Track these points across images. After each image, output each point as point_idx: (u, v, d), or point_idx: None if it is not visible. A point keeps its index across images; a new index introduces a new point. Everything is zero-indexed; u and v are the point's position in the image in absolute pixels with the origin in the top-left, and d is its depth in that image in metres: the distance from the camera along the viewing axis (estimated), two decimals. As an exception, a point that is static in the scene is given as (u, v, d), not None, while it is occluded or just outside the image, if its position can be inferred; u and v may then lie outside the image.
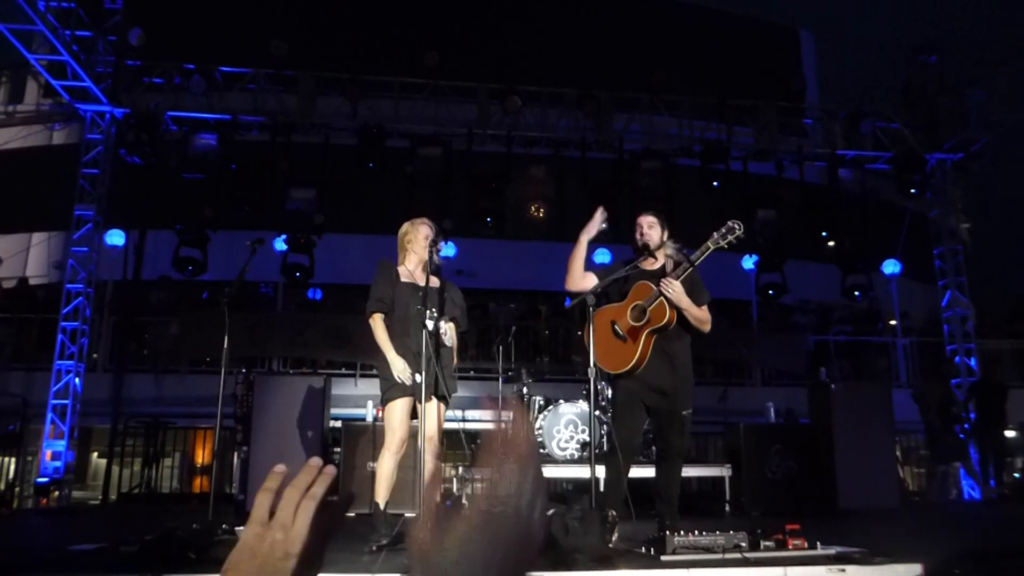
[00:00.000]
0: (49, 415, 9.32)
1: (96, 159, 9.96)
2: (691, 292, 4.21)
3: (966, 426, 9.78)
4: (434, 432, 4.35)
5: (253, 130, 10.10)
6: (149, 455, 9.78)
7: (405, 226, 4.62)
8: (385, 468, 4.37)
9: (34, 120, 13.88)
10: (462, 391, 10.50)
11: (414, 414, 4.43)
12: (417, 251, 4.50)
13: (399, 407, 4.36)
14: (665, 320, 4.13)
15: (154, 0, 12.95)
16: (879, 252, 12.22)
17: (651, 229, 4.38)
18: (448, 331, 4.54)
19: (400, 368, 4.29)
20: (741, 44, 16.44)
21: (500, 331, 9.20)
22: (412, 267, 4.54)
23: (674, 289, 4.08)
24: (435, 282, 4.50)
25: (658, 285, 4.17)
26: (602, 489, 4.26)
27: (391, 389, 4.38)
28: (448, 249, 9.66)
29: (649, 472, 4.83)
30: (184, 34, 12.51)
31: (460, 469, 7.70)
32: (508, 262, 13.13)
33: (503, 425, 0.82)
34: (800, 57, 17.52)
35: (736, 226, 4.09)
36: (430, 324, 4.26)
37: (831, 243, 10.83)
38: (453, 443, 10.16)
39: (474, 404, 10.45)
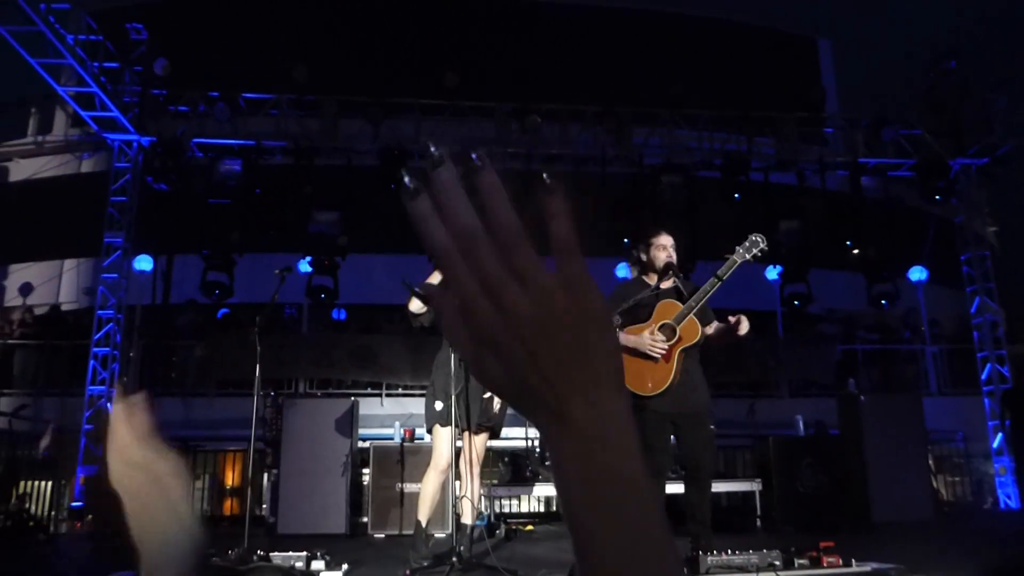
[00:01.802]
0: (82, 440, 9.47)
1: (124, 187, 10.17)
2: (702, 312, 4.22)
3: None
4: (473, 460, 4.46)
5: (277, 155, 10.25)
6: (180, 478, 9.87)
7: None
8: (429, 488, 4.48)
9: (63, 150, 14.24)
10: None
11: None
12: None
13: (446, 433, 4.45)
14: (697, 338, 4.14)
15: (178, 30, 13.25)
16: (905, 259, 12.11)
17: (674, 249, 4.41)
18: None
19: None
20: (760, 55, 16.43)
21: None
22: None
23: (746, 325, 4.09)
24: None
25: (679, 299, 4.21)
26: None
27: (431, 416, 4.50)
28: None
29: (678, 488, 4.83)
30: (208, 62, 12.76)
31: (488, 488, 7.72)
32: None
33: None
34: (819, 66, 17.46)
35: (759, 239, 4.10)
36: None
37: (856, 251, 10.74)
38: (482, 461, 10.22)
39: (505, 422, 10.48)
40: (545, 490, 8.16)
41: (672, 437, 4.42)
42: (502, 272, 0.46)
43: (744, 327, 4.04)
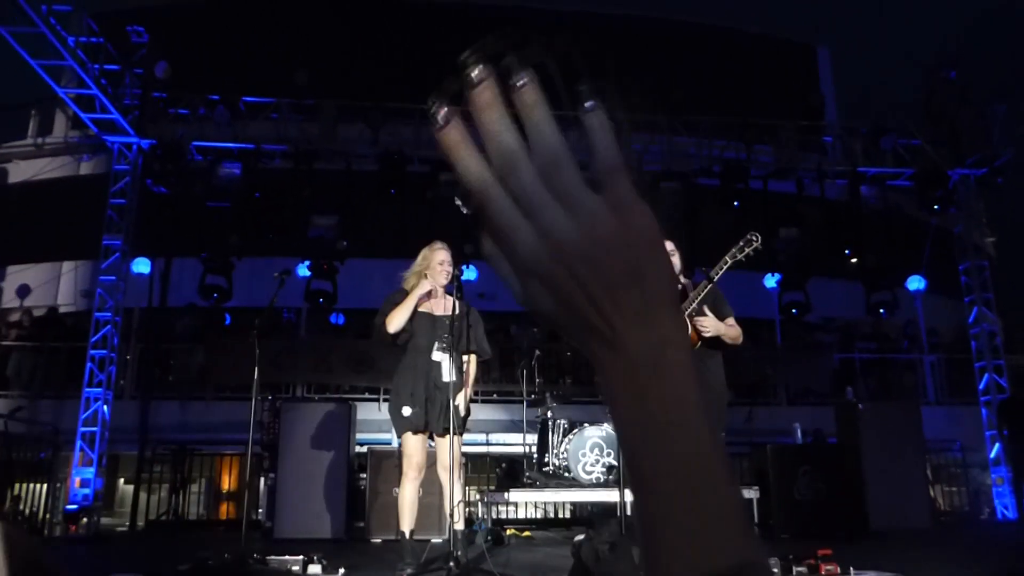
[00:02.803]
0: (78, 443, 9.44)
1: (124, 189, 10.15)
2: (716, 309, 4.22)
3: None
4: (448, 464, 4.38)
5: (276, 158, 10.25)
6: (176, 481, 9.86)
7: (423, 251, 4.63)
8: (406, 496, 4.42)
9: (63, 152, 14.23)
10: (487, 415, 10.59)
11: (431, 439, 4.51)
12: (432, 276, 4.50)
13: (413, 438, 4.41)
14: (694, 344, 4.15)
15: (179, 33, 13.25)
16: (904, 268, 12.13)
17: (675, 257, 4.41)
18: (467, 364, 4.54)
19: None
20: (759, 63, 16.48)
21: (523, 354, 9.22)
22: (432, 295, 4.54)
23: (708, 325, 4.09)
24: (449, 308, 4.53)
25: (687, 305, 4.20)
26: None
27: (399, 423, 4.42)
28: (470, 273, 9.72)
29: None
30: (208, 66, 12.78)
31: (485, 493, 7.71)
32: (529, 284, 13.17)
33: None
34: (818, 75, 17.52)
35: (753, 237, 4.10)
36: (436, 356, 4.30)
37: (854, 260, 10.76)
38: (478, 467, 10.20)
39: (498, 428, 10.46)
40: (542, 495, 8.14)
41: None
42: (545, 195, 0.43)
43: (701, 328, 4.07)
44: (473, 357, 4.59)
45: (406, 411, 4.34)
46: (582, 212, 0.43)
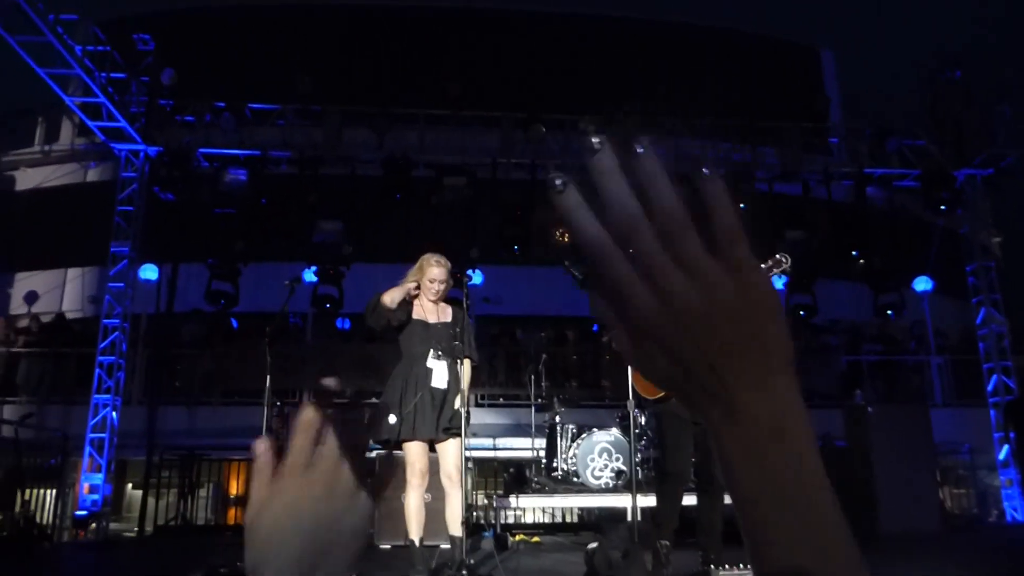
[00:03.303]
0: (87, 449, 9.46)
1: (131, 196, 10.19)
2: None
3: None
4: (451, 469, 4.38)
5: (282, 164, 10.27)
6: (184, 487, 9.85)
7: (422, 259, 4.60)
8: (411, 503, 4.40)
9: (69, 159, 14.28)
10: (494, 419, 10.57)
11: (432, 447, 4.48)
12: (422, 290, 4.49)
13: (413, 445, 4.39)
14: None
15: (185, 41, 13.29)
16: (910, 269, 12.07)
17: None
18: (461, 370, 4.53)
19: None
20: (764, 66, 16.43)
21: (529, 358, 9.21)
22: (426, 301, 4.53)
23: None
24: (448, 316, 4.52)
25: None
26: (655, 518, 4.22)
27: (388, 431, 4.39)
28: (475, 277, 9.71)
29: (689, 499, 4.79)
30: (214, 73, 12.80)
31: (493, 498, 7.69)
32: (534, 288, 13.15)
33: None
34: (822, 77, 17.49)
35: (783, 259, 4.00)
36: (431, 363, 4.30)
37: (861, 262, 10.72)
38: (485, 471, 10.17)
39: (505, 432, 10.44)
40: (550, 501, 8.11)
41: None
42: (665, 259, 0.44)
43: None
44: (468, 363, 4.58)
45: (391, 419, 4.32)
46: (702, 276, 0.43)
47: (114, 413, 9.63)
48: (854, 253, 10.74)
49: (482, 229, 10.46)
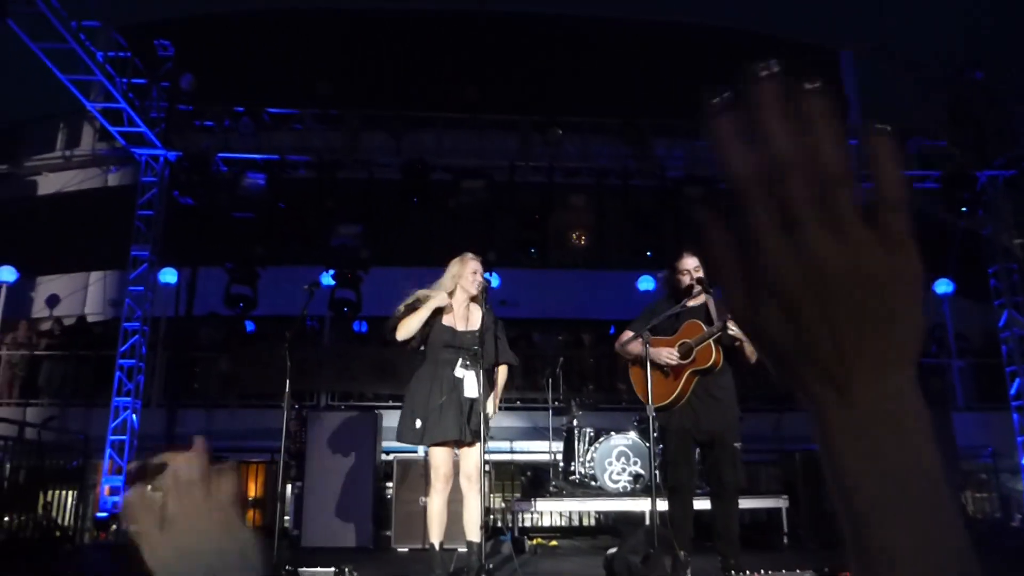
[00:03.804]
0: (107, 451, 9.53)
1: (151, 201, 10.27)
2: None
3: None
4: (472, 471, 4.37)
5: (300, 168, 10.32)
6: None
7: (453, 263, 4.63)
8: (434, 506, 4.41)
9: (90, 164, 14.42)
10: (511, 422, 10.56)
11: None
12: (465, 287, 4.51)
13: (437, 449, 4.39)
14: (710, 362, 4.12)
15: (204, 46, 13.39)
16: (931, 271, 11.94)
17: (699, 272, 4.38)
18: (496, 374, 4.53)
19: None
20: (782, 67, 16.29)
21: (546, 361, 9.20)
22: (457, 304, 4.52)
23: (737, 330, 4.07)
24: (476, 322, 4.51)
25: (706, 320, 4.18)
26: (669, 526, 4.23)
27: (407, 433, 4.39)
28: (492, 280, 9.72)
29: (704, 504, 4.78)
30: (233, 77, 12.89)
31: (511, 501, 7.68)
32: (551, 291, 13.15)
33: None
34: (841, 78, 17.36)
35: None
36: (459, 372, 4.29)
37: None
38: (502, 475, 10.17)
39: (523, 435, 10.43)
40: (567, 504, 8.09)
41: (698, 454, 4.41)
42: (815, 213, 0.39)
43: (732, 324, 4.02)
44: (504, 367, 4.58)
45: (418, 423, 4.32)
46: (852, 240, 0.39)
47: (134, 415, 9.71)
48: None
49: (499, 232, 10.48)
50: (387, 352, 10.17)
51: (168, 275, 11.03)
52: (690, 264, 4.42)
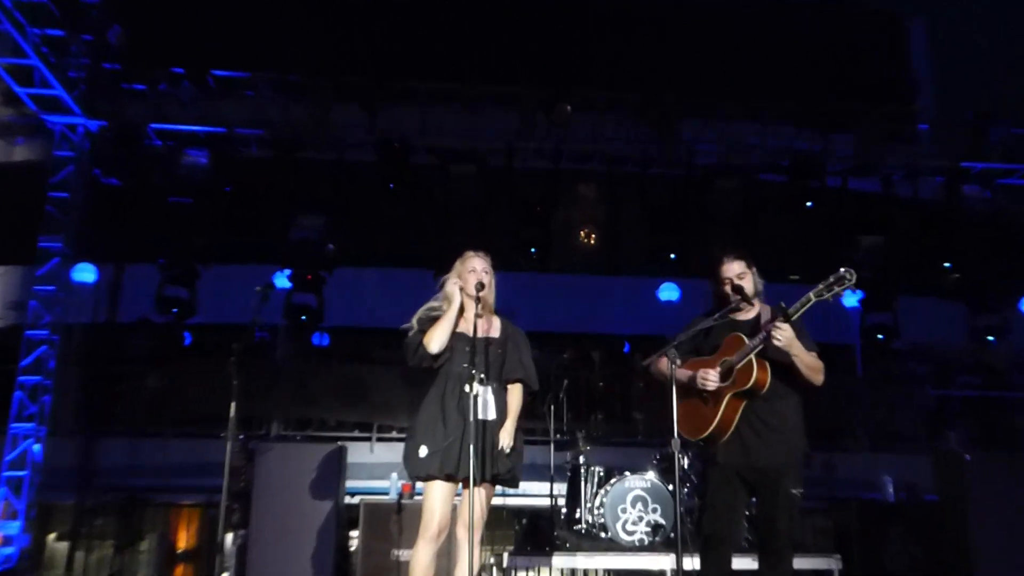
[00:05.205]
0: (2, 490, 9.43)
1: (66, 180, 10.22)
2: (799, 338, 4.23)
3: None
4: (476, 520, 4.36)
5: (252, 145, 10.32)
6: (122, 538, 9.88)
7: (457, 261, 4.72)
8: (421, 559, 4.39)
9: (-10, 133, 14.31)
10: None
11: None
12: (466, 289, 4.57)
13: (438, 486, 4.39)
14: (751, 382, 4.14)
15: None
16: (1016, 285, 12.03)
17: (743, 280, 4.42)
18: (509, 395, 4.57)
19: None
20: (839, 36, 16.43)
21: (548, 385, 9.22)
22: (467, 312, 4.58)
23: (782, 335, 4.08)
24: (496, 330, 4.57)
25: (753, 334, 4.20)
26: None
27: (414, 464, 4.42)
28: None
29: (748, 563, 4.81)
30: (172, 32, 12.88)
31: (505, 555, 7.69)
32: (554, 299, 13.19)
33: None
34: (910, 51, 17.50)
35: (848, 275, 4.10)
36: (474, 388, 4.30)
37: (955, 275, 10.72)
38: (493, 523, 10.16)
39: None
40: (571, 561, 8.09)
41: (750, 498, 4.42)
42: None
43: (775, 334, 4.06)
44: (519, 387, 4.61)
45: (423, 451, 4.34)
46: None
47: (37, 446, 9.62)
48: (946, 264, 10.74)
49: (494, 229, 10.50)
50: (354, 370, 10.21)
51: (85, 272, 10.95)
52: (731, 271, 4.46)
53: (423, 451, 4.34)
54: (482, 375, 4.37)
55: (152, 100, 10.30)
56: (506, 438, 4.45)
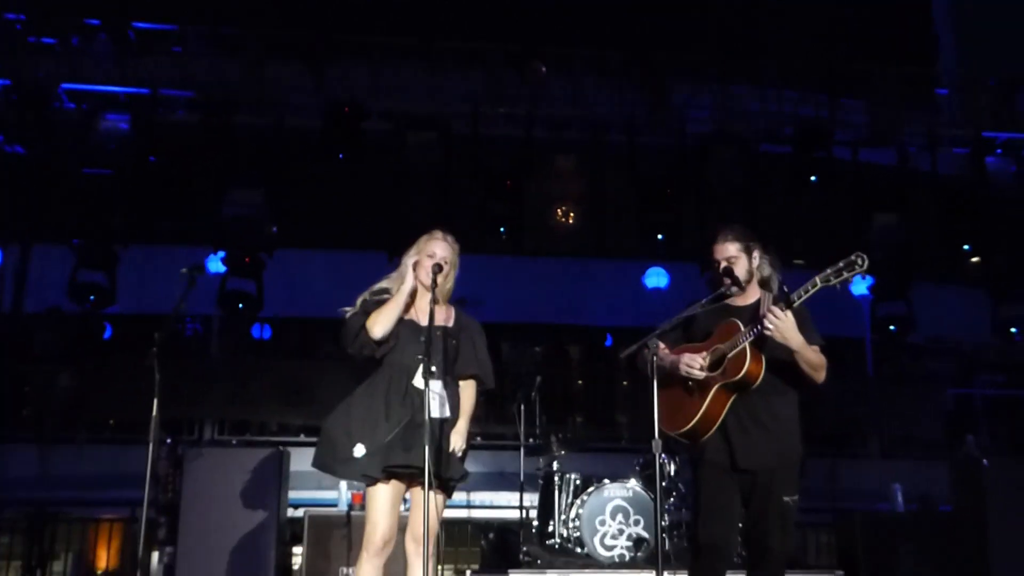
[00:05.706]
0: None
1: (-38, 148, 10.15)
2: (802, 329, 4.25)
3: None
4: (425, 530, 4.29)
5: (179, 109, 10.28)
6: (32, 558, 9.84)
7: (421, 239, 4.64)
8: None
9: None
10: (469, 465, 10.58)
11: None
12: (419, 274, 4.53)
13: (382, 492, 4.38)
14: (742, 374, 4.15)
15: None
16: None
17: (735, 264, 4.44)
18: (463, 393, 4.58)
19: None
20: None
21: (519, 383, 9.26)
22: (420, 300, 4.56)
23: (778, 324, 4.11)
24: (451, 319, 4.57)
25: (751, 322, 4.22)
26: None
27: (345, 466, 4.39)
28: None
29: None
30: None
31: (468, 573, 7.75)
32: (527, 286, 13.21)
33: None
34: (930, 8, 17.60)
35: (859, 260, 4.10)
36: (421, 381, 4.27)
37: (976, 260, 10.84)
38: (456, 538, 10.23)
39: (484, 483, 10.50)
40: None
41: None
42: None
43: (769, 321, 4.09)
44: (472, 383, 4.62)
45: (359, 450, 4.29)
46: None
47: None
48: (967, 247, 10.84)
49: (457, 204, 10.50)
50: (298, 367, 10.21)
51: (-13, 255, 10.91)
52: (722, 252, 4.48)
53: (359, 450, 4.28)
54: (433, 367, 4.34)
55: (64, 56, 10.21)
56: (458, 440, 4.43)
